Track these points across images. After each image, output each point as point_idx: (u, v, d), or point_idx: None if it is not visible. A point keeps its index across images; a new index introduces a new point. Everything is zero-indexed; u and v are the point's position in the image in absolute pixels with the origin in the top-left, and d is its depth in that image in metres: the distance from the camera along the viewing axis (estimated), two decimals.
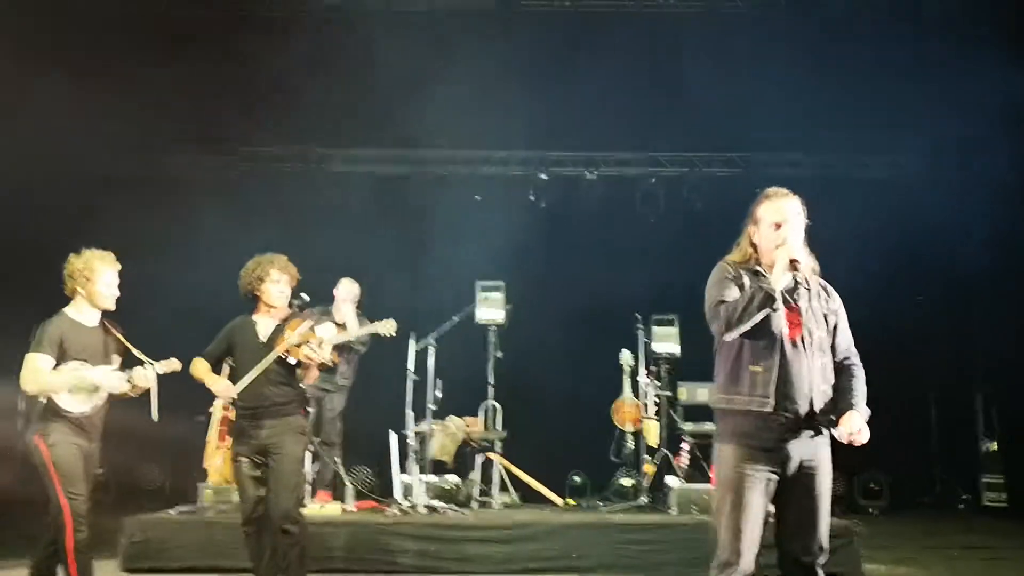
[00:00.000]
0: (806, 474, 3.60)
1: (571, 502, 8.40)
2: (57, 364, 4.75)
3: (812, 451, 3.62)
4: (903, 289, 10.65)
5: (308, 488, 7.59)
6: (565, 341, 10.18)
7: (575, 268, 10.57)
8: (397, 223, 10.72)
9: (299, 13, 10.29)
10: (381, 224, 10.57)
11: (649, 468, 8.15)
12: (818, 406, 3.61)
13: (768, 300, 3.54)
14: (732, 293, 3.65)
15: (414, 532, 6.52)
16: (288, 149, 11.30)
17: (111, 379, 4.83)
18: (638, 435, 8.39)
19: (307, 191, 11.07)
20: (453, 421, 8.11)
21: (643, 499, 7.88)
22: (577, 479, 9.18)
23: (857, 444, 3.58)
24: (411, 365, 7.84)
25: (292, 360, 5.01)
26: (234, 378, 5.08)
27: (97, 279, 4.87)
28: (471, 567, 6.38)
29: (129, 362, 4.99)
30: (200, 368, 5.14)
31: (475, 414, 8.46)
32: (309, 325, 5.07)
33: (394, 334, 7.11)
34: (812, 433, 3.61)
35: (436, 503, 7.39)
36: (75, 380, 4.76)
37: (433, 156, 11.38)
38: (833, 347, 3.74)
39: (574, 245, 10.80)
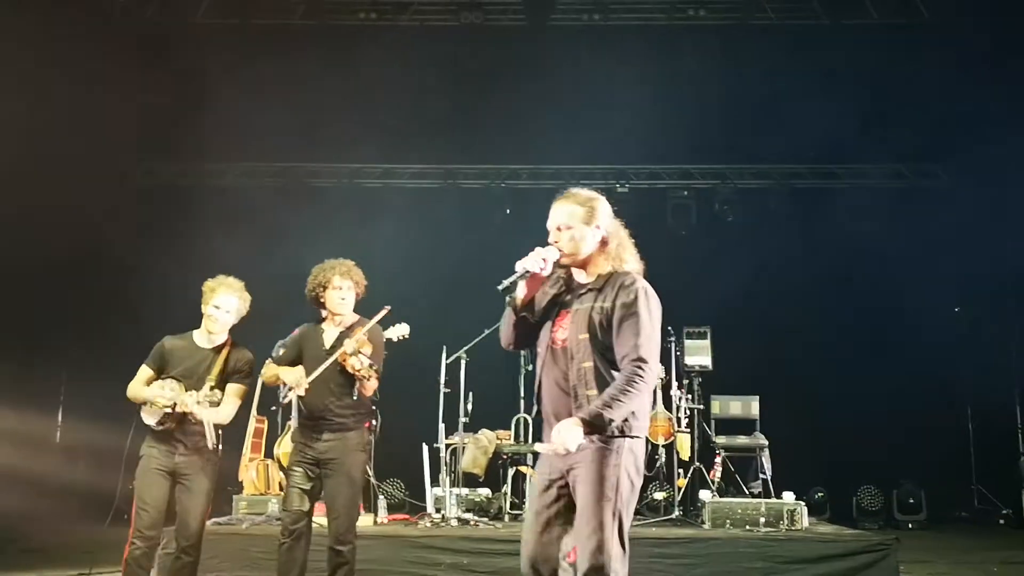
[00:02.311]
0: (575, 480, 3.47)
1: None
2: (160, 378, 4.89)
3: (584, 456, 3.43)
4: (941, 302, 10.53)
5: None
6: None
7: None
8: (428, 236, 10.78)
9: (331, 26, 10.39)
10: (413, 237, 10.63)
11: (681, 482, 8.10)
12: (581, 410, 3.42)
13: (510, 310, 3.64)
14: None
15: (446, 545, 6.52)
16: (322, 163, 11.42)
17: (157, 397, 4.82)
18: (670, 448, 8.35)
19: (339, 204, 11.15)
20: (485, 434, 8.12)
21: (675, 513, 7.83)
22: None
23: (558, 453, 3.36)
24: (442, 378, 7.86)
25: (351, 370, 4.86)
26: None
27: (211, 299, 4.95)
28: None
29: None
30: (271, 369, 5.15)
31: (507, 427, 8.46)
32: (364, 332, 4.94)
33: (407, 336, 7.06)
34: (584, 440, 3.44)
35: (468, 515, 7.40)
36: (139, 393, 4.86)
37: (464, 170, 11.45)
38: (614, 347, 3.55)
39: None
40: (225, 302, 4.95)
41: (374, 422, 5.12)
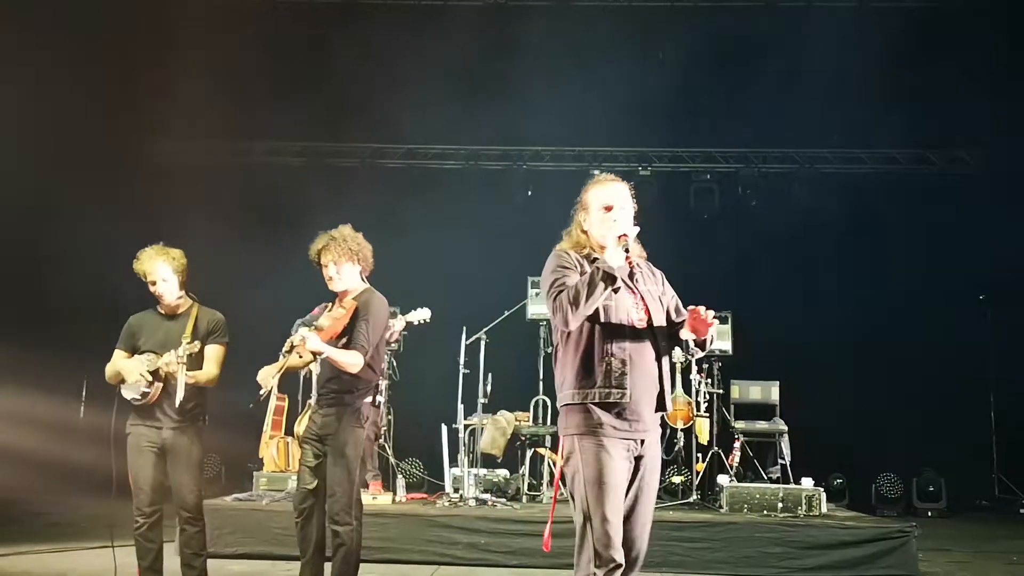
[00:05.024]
0: (649, 467, 3.42)
1: None
2: (136, 355, 4.84)
3: (654, 440, 3.47)
4: (965, 288, 10.43)
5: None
6: None
7: None
8: (450, 218, 10.78)
9: (355, 4, 10.36)
10: (434, 217, 10.63)
11: (700, 466, 8.10)
12: (667, 392, 3.45)
13: (608, 278, 3.29)
14: (572, 279, 3.43)
15: (463, 524, 6.55)
16: (344, 143, 11.43)
17: (133, 370, 4.76)
18: (689, 432, 8.34)
19: (361, 184, 11.16)
20: (503, 415, 8.14)
21: (693, 497, 7.84)
22: None
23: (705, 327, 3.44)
24: (462, 359, 7.88)
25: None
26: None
27: (147, 278, 4.87)
28: (519, 560, 6.40)
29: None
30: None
31: (525, 408, 8.47)
32: (351, 297, 4.81)
33: (427, 320, 7.00)
34: (659, 421, 3.47)
35: (485, 496, 7.43)
36: (116, 367, 4.83)
37: (486, 151, 11.43)
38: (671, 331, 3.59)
39: None
40: (158, 272, 4.83)
41: (378, 397, 4.84)
